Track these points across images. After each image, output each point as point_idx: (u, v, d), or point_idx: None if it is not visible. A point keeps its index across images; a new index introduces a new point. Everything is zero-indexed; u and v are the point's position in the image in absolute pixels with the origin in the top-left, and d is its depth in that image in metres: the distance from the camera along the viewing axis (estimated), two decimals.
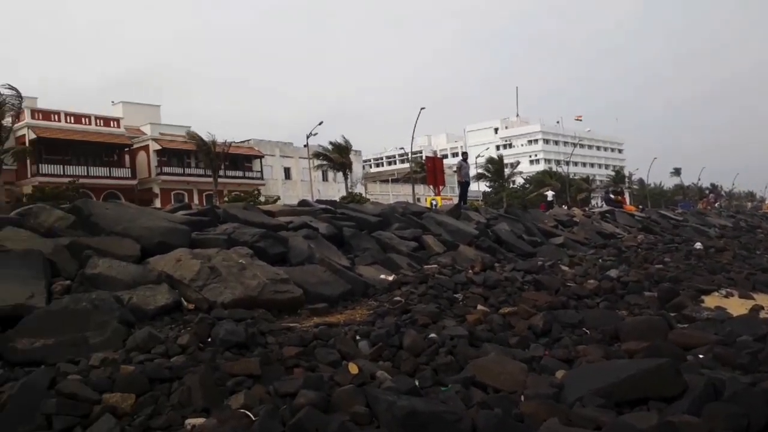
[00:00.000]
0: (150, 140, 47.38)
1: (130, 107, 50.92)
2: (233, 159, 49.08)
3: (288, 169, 58.65)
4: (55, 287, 7.13)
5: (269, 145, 57.17)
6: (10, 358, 5.67)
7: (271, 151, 56.72)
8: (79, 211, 9.63)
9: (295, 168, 58.71)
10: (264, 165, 54.99)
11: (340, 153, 49.66)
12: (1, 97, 30.14)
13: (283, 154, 58.32)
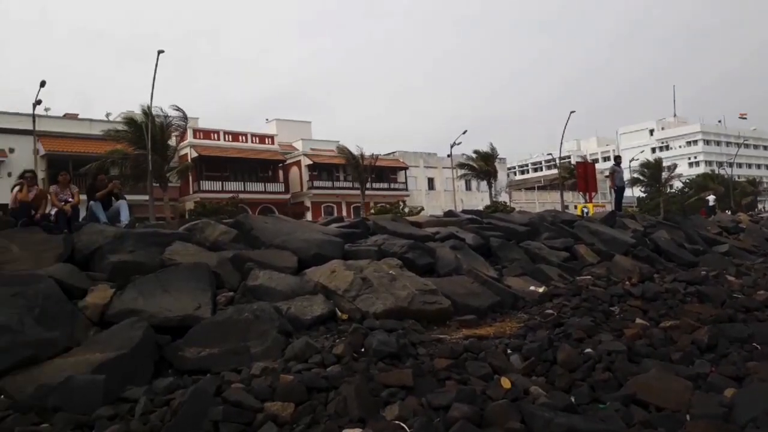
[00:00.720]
0: (302, 156, 50.03)
1: (283, 124, 54.23)
2: (379, 171, 50.45)
3: (431, 180, 59.18)
4: (219, 298, 7.69)
5: (413, 156, 58.08)
6: (180, 367, 6.18)
7: (416, 162, 57.58)
8: (241, 226, 10.39)
9: (438, 178, 59.10)
10: (408, 176, 55.93)
11: (485, 161, 49.23)
12: (168, 118, 33.17)
13: (427, 164, 58.95)
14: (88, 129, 40.28)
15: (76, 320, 6.86)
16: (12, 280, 7.07)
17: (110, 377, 5.44)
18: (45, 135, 36.58)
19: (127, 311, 6.92)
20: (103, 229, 9.15)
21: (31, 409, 5.12)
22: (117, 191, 10.93)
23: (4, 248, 8.22)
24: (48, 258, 8.15)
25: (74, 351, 6.19)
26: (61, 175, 10.08)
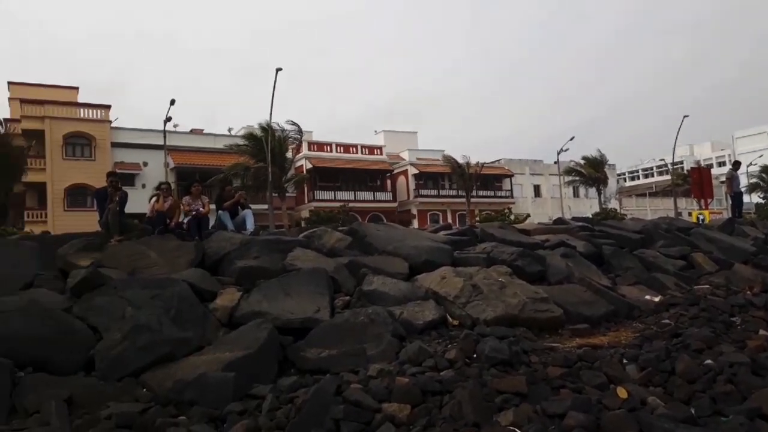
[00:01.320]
0: (408, 165, 50.53)
1: (390, 135, 55.05)
2: (484, 179, 49.98)
3: (537, 187, 57.81)
4: (337, 302, 7.93)
5: (519, 163, 57.04)
6: (302, 366, 6.44)
7: (521, 170, 56.51)
8: (355, 233, 10.67)
9: (544, 185, 57.64)
10: (513, 183, 54.97)
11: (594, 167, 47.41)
12: (285, 132, 34.64)
13: (533, 171, 57.67)
14: (213, 143, 42.83)
15: (208, 321, 7.32)
16: (151, 283, 7.67)
17: (239, 375, 5.74)
18: (174, 149, 39.23)
19: (253, 313, 7.30)
20: (230, 237, 9.72)
21: (169, 402, 5.51)
22: (243, 201, 11.57)
23: (143, 254, 8.92)
24: (181, 263, 8.75)
25: (206, 350, 6.60)
26: (194, 187, 10.79)
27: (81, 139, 37.93)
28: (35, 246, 8.69)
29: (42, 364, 6.11)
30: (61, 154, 37.04)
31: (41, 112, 36.93)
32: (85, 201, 36.98)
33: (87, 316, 6.91)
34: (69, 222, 32.34)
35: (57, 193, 36.26)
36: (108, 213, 9.72)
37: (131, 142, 39.45)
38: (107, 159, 38.03)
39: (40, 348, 6.23)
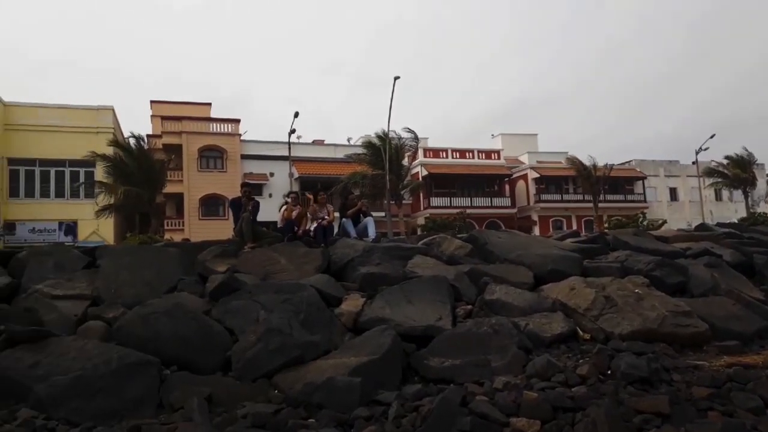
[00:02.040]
0: (528, 169, 49.33)
1: (508, 138, 54.10)
2: (613, 182, 47.65)
3: (674, 190, 54.25)
4: (458, 311, 7.89)
5: (652, 165, 53.87)
6: (425, 375, 6.46)
7: (655, 171, 53.31)
8: (476, 240, 10.58)
9: (681, 188, 53.99)
10: (646, 186, 51.97)
11: (740, 168, 43.70)
12: (402, 140, 35.05)
13: (668, 173, 54.22)
14: (333, 153, 44.26)
15: (334, 325, 7.54)
16: (282, 288, 8.04)
17: (365, 380, 5.86)
18: (298, 160, 40.95)
19: (377, 319, 7.44)
20: (353, 244, 9.99)
21: (300, 404, 5.72)
22: (365, 209, 11.87)
23: (274, 260, 9.37)
24: (309, 269, 9.10)
25: (333, 354, 6.80)
26: (320, 196, 11.24)
27: (214, 152, 40.60)
28: (178, 252, 9.40)
29: (184, 363, 6.58)
30: (197, 166, 39.84)
31: (179, 127, 39.96)
32: (217, 210, 39.53)
33: (224, 318, 7.37)
34: (203, 229, 34.71)
35: (193, 203, 39.03)
36: (242, 221, 10.35)
37: (258, 153, 41.65)
38: (237, 170, 40.41)
39: (183, 348, 6.70)
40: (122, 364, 6.04)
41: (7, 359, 5.99)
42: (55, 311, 7.29)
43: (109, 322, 7.12)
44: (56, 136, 34.20)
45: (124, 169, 27.38)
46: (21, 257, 8.68)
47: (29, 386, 5.74)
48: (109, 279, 8.24)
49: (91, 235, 32.87)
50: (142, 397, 5.90)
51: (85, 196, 33.98)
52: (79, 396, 5.70)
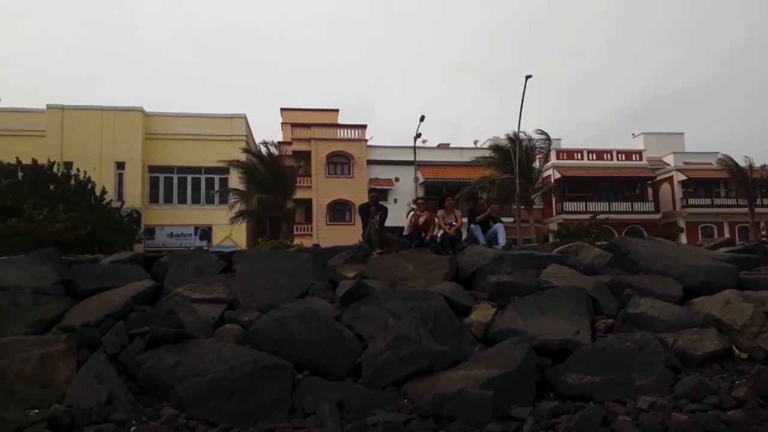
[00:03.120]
0: (674, 171, 46.42)
1: (651, 138, 51.25)
2: None
3: None
4: (598, 325, 7.58)
5: None
6: (561, 391, 6.27)
7: None
8: (617, 249, 10.11)
9: None
10: None
11: None
12: (533, 141, 34.25)
13: None
14: (459, 157, 44.17)
15: (463, 335, 7.51)
16: (410, 295, 8.13)
17: (497, 394, 5.78)
18: (423, 164, 41.30)
19: (508, 331, 7.33)
20: (483, 251, 9.89)
21: (429, 415, 5.75)
22: (495, 215, 11.73)
23: (402, 267, 9.51)
24: (437, 276, 9.14)
25: (463, 365, 6.77)
26: (447, 201, 11.27)
27: (341, 158, 41.94)
28: (309, 257, 9.80)
29: (315, 367, 6.83)
30: (325, 172, 41.35)
31: (308, 134, 41.70)
32: (344, 215, 40.80)
33: (353, 324, 7.58)
34: (330, 235, 35.93)
35: (321, 209, 40.53)
36: (370, 227, 10.62)
37: (384, 158, 42.48)
38: (363, 176, 41.48)
39: (314, 352, 6.96)
40: (257, 367, 6.37)
41: (151, 359, 6.52)
42: (194, 314, 7.82)
43: (245, 325, 7.52)
44: (192, 144, 36.94)
45: (257, 176, 29.04)
46: (163, 261, 9.43)
47: (171, 385, 6.20)
48: (245, 283, 8.73)
49: (224, 239, 35.10)
50: (275, 400, 6.18)
51: (219, 201, 36.36)
52: (216, 397, 6.08)
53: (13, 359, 6.36)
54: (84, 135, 34.77)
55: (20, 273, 8.38)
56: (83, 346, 6.80)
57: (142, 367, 6.43)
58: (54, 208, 23.28)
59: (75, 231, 22.45)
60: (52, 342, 6.76)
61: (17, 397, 6.09)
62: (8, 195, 24.37)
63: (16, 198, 24.30)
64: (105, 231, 25.90)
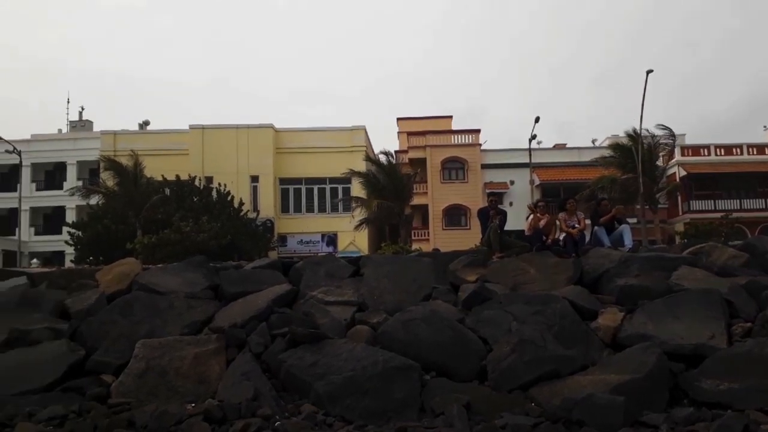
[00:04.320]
0: None
1: None
2: None
3: None
4: (735, 329, 7.08)
5: None
6: (696, 398, 5.94)
7: None
8: (753, 249, 9.40)
9: None
10: None
11: None
12: (656, 138, 32.29)
13: None
14: (577, 157, 42.60)
15: (590, 340, 7.28)
16: (533, 299, 7.99)
17: (628, 399, 5.58)
18: (539, 166, 40.24)
19: (637, 335, 7.02)
20: (608, 253, 9.51)
21: (558, 419, 5.62)
22: (620, 216, 11.19)
23: (523, 270, 9.34)
24: (560, 280, 8.89)
25: (590, 370, 6.57)
26: (569, 203, 10.89)
27: (455, 163, 41.79)
28: (431, 262, 9.87)
29: (441, 369, 6.88)
30: (440, 178, 41.39)
31: (423, 142, 41.93)
32: (459, 220, 40.59)
33: (477, 327, 7.55)
34: (446, 239, 35.90)
35: (437, 214, 40.57)
36: (489, 231, 10.50)
37: (497, 162, 41.85)
38: (478, 180, 41.07)
39: (439, 354, 7.02)
40: (387, 367, 6.52)
41: (291, 357, 6.85)
42: (328, 315, 8.11)
43: (374, 326, 7.72)
44: (318, 156, 38.38)
45: (377, 184, 29.65)
46: (298, 266, 9.84)
47: (310, 383, 6.49)
48: (372, 286, 8.94)
49: (348, 245, 36.09)
50: (405, 399, 6.30)
51: (343, 210, 37.44)
52: (351, 395, 6.28)
53: (172, 357, 6.91)
54: (222, 151, 37.01)
55: (175, 279, 9.08)
56: (231, 345, 7.26)
57: (283, 365, 6.76)
58: (199, 219, 25.00)
59: (217, 240, 24.00)
60: (205, 342, 7.27)
61: (177, 391, 6.63)
62: (159, 209, 26.49)
63: (165, 211, 26.39)
64: (243, 239, 27.45)
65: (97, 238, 26.81)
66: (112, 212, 27.42)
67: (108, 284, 9.05)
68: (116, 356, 7.14)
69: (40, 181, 40.91)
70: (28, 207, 38.75)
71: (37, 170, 40.52)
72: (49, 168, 41.06)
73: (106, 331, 7.65)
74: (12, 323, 7.73)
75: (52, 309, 8.42)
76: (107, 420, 5.77)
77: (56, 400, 6.36)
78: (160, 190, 28.50)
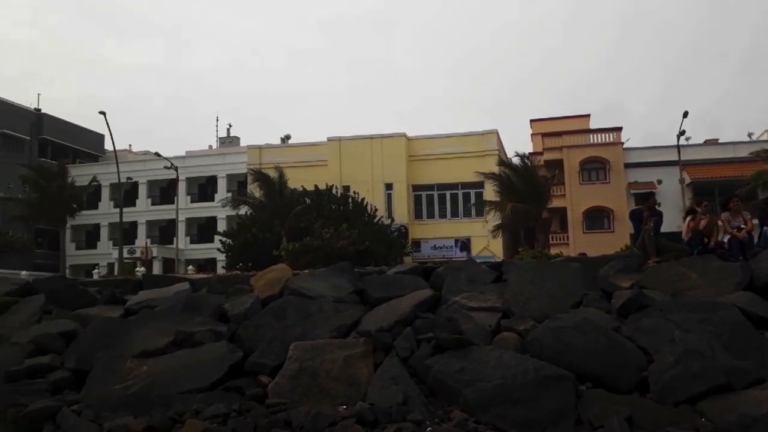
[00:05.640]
0: None
1: None
2: None
3: None
4: None
5: None
6: None
7: None
8: None
9: None
10: None
11: None
12: None
13: None
14: (732, 152, 39.12)
15: (766, 351, 6.61)
16: (698, 306, 7.37)
17: None
18: (688, 164, 37.41)
19: None
20: None
21: None
22: None
23: (683, 275, 8.65)
24: (726, 286, 8.14)
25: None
26: (733, 202, 9.93)
27: (595, 164, 39.93)
28: (579, 267, 9.42)
29: (596, 380, 6.53)
30: (578, 179, 39.74)
31: (559, 143, 40.47)
32: (601, 223, 38.71)
33: (635, 336, 7.10)
34: (588, 243, 34.30)
35: (576, 217, 38.96)
36: (644, 234, 9.85)
37: (642, 161, 39.43)
38: (621, 180, 38.90)
39: (594, 364, 6.66)
40: (538, 376, 6.30)
41: (438, 363, 6.81)
42: (472, 321, 7.98)
43: (521, 333, 7.49)
44: (449, 162, 38.35)
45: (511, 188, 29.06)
46: (439, 272, 9.81)
47: (458, 389, 6.40)
48: (516, 292, 8.69)
49: (482, 250, 35.62)
50: (559, 410, 6.05)
51: (476, 214, 37.09)
52: (501, 403, 6.13)
53: (323, 359, 7.12)
54: (357, 161, 38.14)
55: (322, 284, 9.40)
56: (378, 349, 7.36)
57: (430, 370, 6.74)
58: (338, 227, 25.87)
59: (355, 246, 24.67)
60: (353, 345, 7.42)
61: (328, 393, 6.81)
62: (301, 218, 27.75)
63: (307, 220, 27.58)
64: (379, 245, 28.01)
65: (245, 246, 28.55)
66: (259, 221, 29.08)
67: (261, 289, 9.55)
68: (271, 358, 7.46)
69: (194, 193, 44.27)
70: (184, 218, 41.99)
71: (191, 184, 43.90)
72: (202, 181, 44.37)
73: (262, 333, 8.05)
74: (178, 326, 8.35)
75: (212, 312, 8.99)
76: (266, 420, 6.04)
77: (218, 399, 6.75)
78: (301, 200, 29.82)
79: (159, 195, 44.83)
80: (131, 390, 7.11)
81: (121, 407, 6.66)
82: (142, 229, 43.59)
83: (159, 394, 6.93)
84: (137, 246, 40.37)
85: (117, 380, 7.32)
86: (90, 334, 8.47)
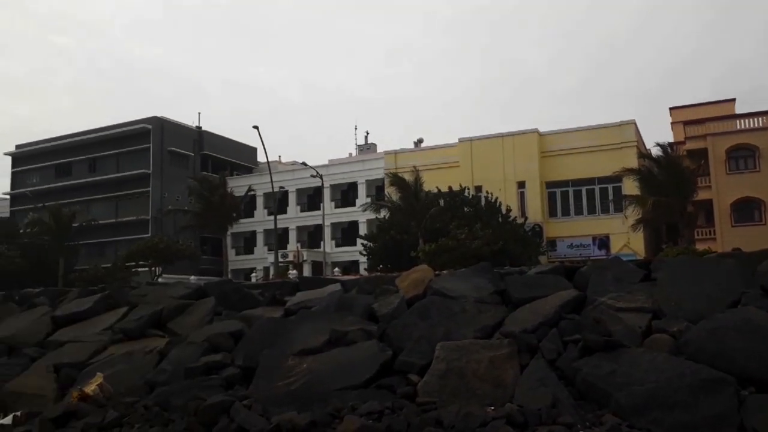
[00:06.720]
0: None
1: None
2: None
3: None
4: None
5: None
6: None
7: None
8: None
9: None
10: None
11: None
12: None
13: None
14: None
15: None
16: None
17: None
18: None
19: None
20: None
21: None
22: None
23: None
24: None
25: None
26: None
27: (743, 151, 36.26)
28: (734, 263, 8.61)
29: (760, 385, 5.97)
30: (725, 168, 36.33)
31: (702, 131, 37.19)
32: (751, 215, 35.08)
33: None
34: (737, 237, 31.29)
35: (723, 209, 35.57)
36: None
37: None
38: None
39: (758, 368, 6.11)
40: (695, 380, 5.90)
41: (587, 365, 6.54)
42: (620, 323, 7.55)
43: (674, 335, 6.99)
44: (584, 156, 36.62)
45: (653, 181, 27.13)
46: (583, 271, 9.36)
47: (609, 393, 6.11)
48: (668, 292, 8.09)
49: (622, 248, 33.54)
50: (719, 415, 5.65)
51: (614, 210, 35.11)
52: (657, 407, 5.80)
53: (469, 360, 7.09)
54: (489, 160, 37.57)
55: (464, 284, 9.34)
56: (523, 350, 7.19)
57: (579, 373, 6.49)
58: (472, 227, 25.67)
59: (490, 246, 24.32)
60: (497, 346, 7.31)
61: (475, 393, 6.76)
62: (436, 220, 27.86)
63: (442, 221, 27.64)
64: (513, 245, 27.41)
65: (385, 248, 29.15)
66: (396, 224, 29.58)
67: (406, 289, 9.68)
68: (419, 357, 7.53)
69: (337, 199, 45.93)
70: (329, 223, 43.70)
71: (334, 190, 45.58)
72: (344, 188, 45.91)
73: (409, 332, 8.15)
74: (332, 325, 8.68)
75: (362, 312, 9.25)
76: (418, 418, 6.11)
77: (371, 396, 6.93)
78: (436, 202, 29.92)
79: (306, 202, 47.03)
80: (293, 386, 7.50)
81: (285, 402, 7.05)
82: (293, 234, 45.93)
83: (317, 391, 7.24)
84: (289, 250, 42.54)
85: (280, 377, 7.74)
86: (255, 333, 9.05)
